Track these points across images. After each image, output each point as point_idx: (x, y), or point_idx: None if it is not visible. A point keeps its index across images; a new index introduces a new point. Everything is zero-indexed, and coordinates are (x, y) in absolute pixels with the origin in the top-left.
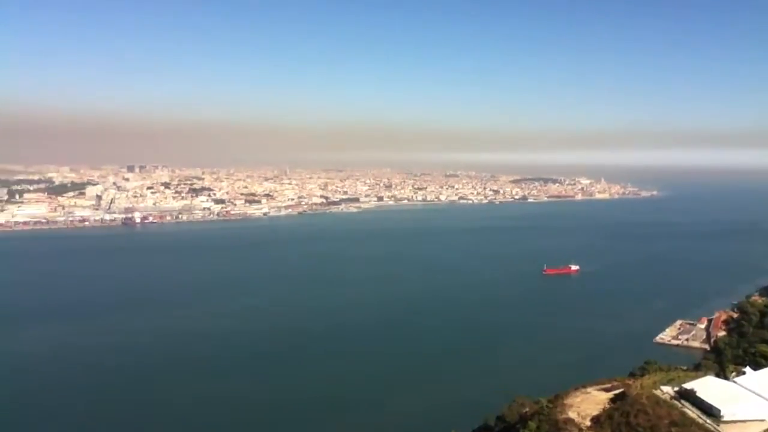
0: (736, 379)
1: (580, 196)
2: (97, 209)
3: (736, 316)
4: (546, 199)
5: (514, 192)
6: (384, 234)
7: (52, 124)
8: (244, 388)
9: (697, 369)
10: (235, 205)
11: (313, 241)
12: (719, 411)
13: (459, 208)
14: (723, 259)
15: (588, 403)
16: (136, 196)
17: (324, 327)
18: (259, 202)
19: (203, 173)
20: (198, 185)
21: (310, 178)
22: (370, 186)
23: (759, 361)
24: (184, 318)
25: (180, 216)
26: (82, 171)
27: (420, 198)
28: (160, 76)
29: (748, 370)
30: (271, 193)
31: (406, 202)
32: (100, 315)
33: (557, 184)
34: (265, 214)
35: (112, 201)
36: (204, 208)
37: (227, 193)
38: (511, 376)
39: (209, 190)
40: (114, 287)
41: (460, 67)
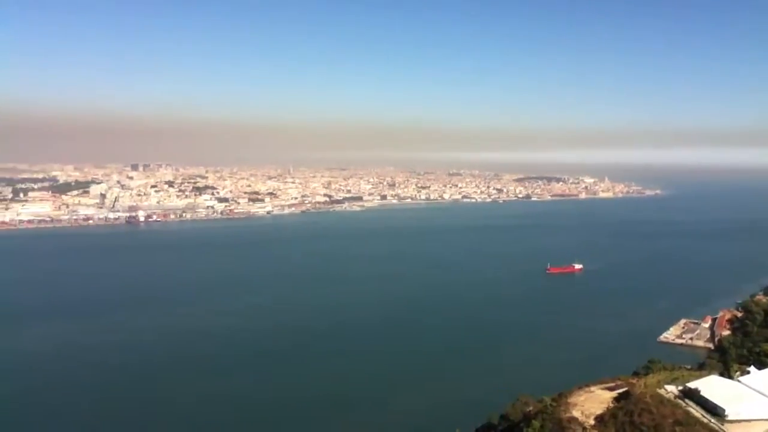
0: (741, 378)
1: (583, 195)
2: (101, 208)
3: (740, 315)
4: (549, 197)
5: (518, 191)
6: (387, 233)
7: (56, 123)
8: (247, 387)
9: (702, 368)
10: (239, 203)
11: (316, 239)
12: (724, 410)
13: (462, 206)
14: (727, 258)
15: (592, 402)
16: (140, 195)
17: (327, 325)
18: (262, 200)
19: (207, 172)
20: (202, 184)
21: (314, 176)
22: (373, 185)
23: (763, 361)
24: (188, 316)
25: (184, 214)
26: (87, 170)
27: (423, 197)
28: (164, 75)
29: (753, 369)
30: (274, 192)
31: (409, 200)
32: (104, 313)
33: (561, 183)
34: (268, 213)
35: (116, 199)
36: (208, 207)
37: (231, 191)
38: (514, 374)
39: (213, 188)
40: (118, 285)
41: (460, 66)
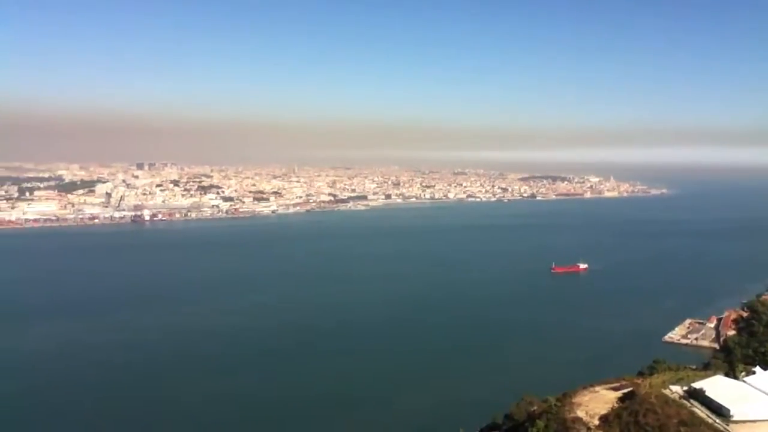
0: (746, 378)
1: (589, 194)
2: (106, 207)
3: (745, 315)
4: (554, 197)
5: (523, 190)
6: (392, 232)
7: (61, 122)
8: (252, 385)
9: (707, 368)
10: (244, 202)
11: (321, 238)
12: (729, 411)
13: (467, 205)
14: (732, 258)
15: (596, 402)
16: (145, 194)
17: (332, 324)
18: (267, 199)
19: (212, 171)
20: (207, 183)
21: (319, 175)
22: (378, 184)
23: None
24: (193, 315)
25: (189, 213)
26: (92, 169)
27: (428, 196)
28: (169, 74)
29: (758, 369)
30: (279, 191)
31: (414, 200)
32: (108, 312)
33: (566, 182)
34: (273, 212)
35: (122, 198)
36: (213, 206)
37: (236, 190)
38: (519, 373)
39: (218, 187)
40: (123, 284)
41: (460, 65)
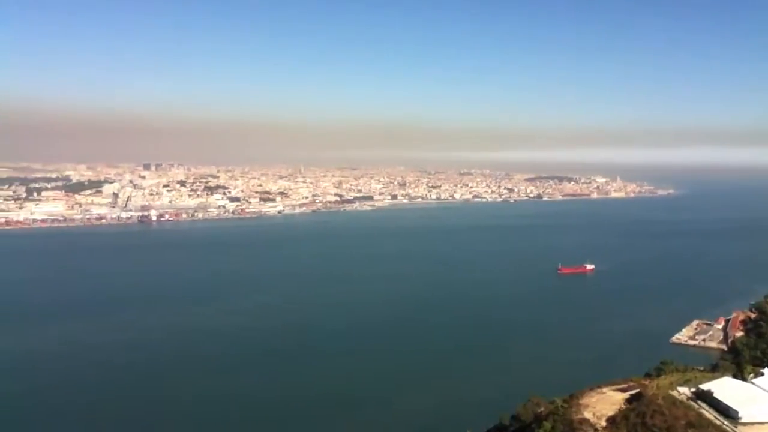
0: (754, 380)
1: (595, 195)
2: (113, 207)
3: (753, 316)
4: (561, 197)
5: (529, 190)
6: (398, 232)
7: (69, 122)
8: (254, 385)
9: (715, 370)
10: (250, 203)
11: (326, 239)
12: (737, 412)
13: (473, 206)
14: (740, 258)
15: (603, 404)
16: (152, 194)
17: (335, 324)
18: (273, 200)
19: (218, 171)
20: (213, 183)
21: (325, 176)
22: (384, 184)
23: None
24: (197, 315)
25: (195, 214)
26: (99, 169)
27: (434, 196)
28: (169, 74)
29: (767, 371)
30: (285, 191)
31: (420, 200)
32: (113, 312)
33: (572, 183)
34: (279, 212)
35: (129, 199)
36: (219, 206)
37: (242, 191)
38: (525, 374)
39: (224, 188)
40: (129, 284)
41: (460, 65)
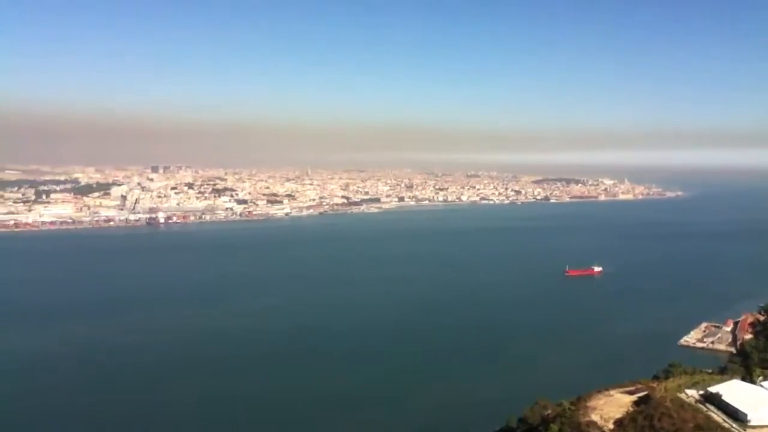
0: (763, 383)
1: (603, 197)
2: (121, 209)
3: (762, 318)
4: (568, 199)
5: (536, 192)
6: (404, 234)
7: (77, 125)
8: (260, 387)
9: (723, 372)
10: (257, 205)
11: (333, 241)
12: (746, 415)
13: (480, 208)
14: (750, 260)
15: (611, 406)
16: (160, 197)
17: (342, 326)
18: (280, 202)
19: (226, 174)
20: (221, 186)
21: (332, 178)
22: (391, 186)
23: None
24: (204, 317)
25: (203, 216)
26: (108, 171)
27: (441, 198)
28: (170, 77)
29: None
30: (292, 194)
31: (427, 202)
32: (120, 313)
33: (580, 185)
34: (286, 215)
35: (137, 201)
36: (227, 209)
37: (249, 193)
38: (532, 377)
39: (232, 190)
40: (136, 286)
41: (460, 67)
